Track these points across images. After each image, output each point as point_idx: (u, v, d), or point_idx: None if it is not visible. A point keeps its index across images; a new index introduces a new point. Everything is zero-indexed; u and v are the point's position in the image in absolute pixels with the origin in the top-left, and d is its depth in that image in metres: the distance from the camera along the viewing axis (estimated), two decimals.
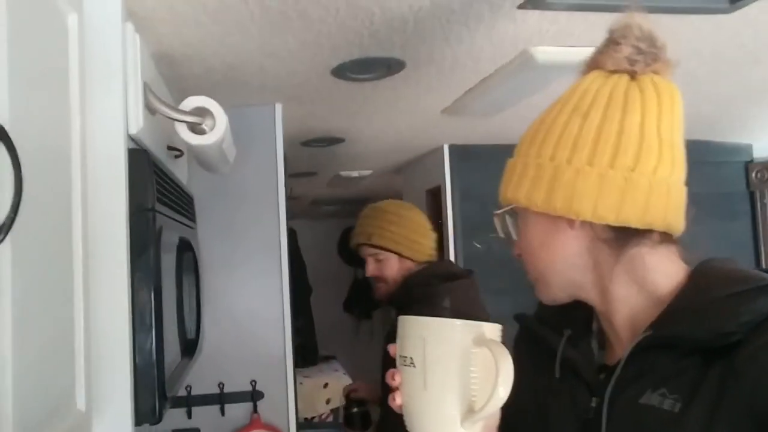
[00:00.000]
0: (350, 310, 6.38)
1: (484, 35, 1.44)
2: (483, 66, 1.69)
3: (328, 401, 3.92)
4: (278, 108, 1.95)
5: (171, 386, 1.11)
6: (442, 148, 2.91)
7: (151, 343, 1.00)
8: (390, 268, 1.70)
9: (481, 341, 0.67)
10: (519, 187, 0.77)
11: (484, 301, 1.83)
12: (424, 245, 1.75)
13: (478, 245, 2.88)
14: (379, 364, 1.67)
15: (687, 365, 0.67)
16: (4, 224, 0.57)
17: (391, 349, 0.74)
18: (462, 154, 2.91)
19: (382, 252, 1.72)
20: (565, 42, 1.51)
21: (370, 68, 1.63)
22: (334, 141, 2.62)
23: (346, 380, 4.12)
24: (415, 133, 2.61)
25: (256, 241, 1.92)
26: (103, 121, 0.99)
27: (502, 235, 0.88)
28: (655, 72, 0.75)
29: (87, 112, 0.96)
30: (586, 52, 1.58)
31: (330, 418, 3.91)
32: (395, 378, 0.72)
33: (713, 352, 0.65)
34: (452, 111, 2.20)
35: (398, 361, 0.71)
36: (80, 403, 0.86)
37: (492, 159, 2.92)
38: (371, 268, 1.71)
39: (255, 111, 1.91)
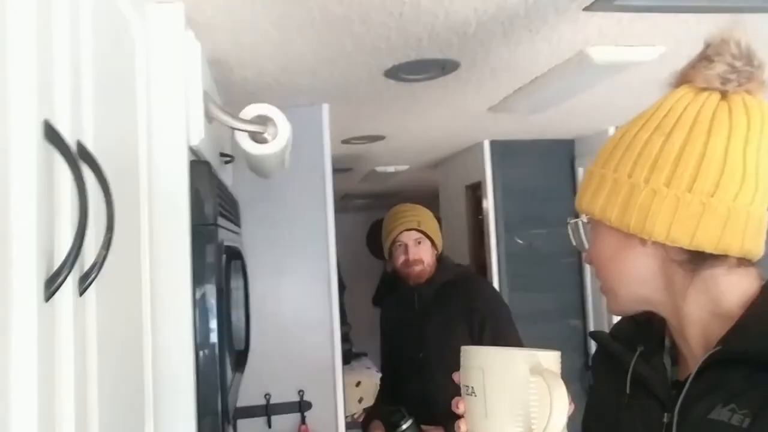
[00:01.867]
0: (380, 305, 6.35)
1: (544, 37, 1.41)
2: (538, 66, 1.65)
3: (360, 400, 3.89)
4: (325, 108, 1.90)
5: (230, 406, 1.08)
6: (482, 144, 2.85)
7: (215, 368, 0.97)
8: (426, 252, 1.94)
9: (536, 370, 0.68)
10: (594, 199, 0.77)
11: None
12: (441, 240, 2.06)
13: (519, 241, 2.84)
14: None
15: (757, 381, 0.66)
16: (96, 263, 0.53)
17: (455, 377, 0.77)
18: (503, 149, 2.85)
19: (424, 238, 1.94)
20: (625, 41, 1.48)
21: (424, 69, 1.58)
22: (374, 139, 2.57)
23: (379, 378, 4.08)
24: (457, 130, 2.56)
25: (302, 245, 1.88)
26: (166, 134, 0.96)
27: (574, 242, 0.86)
28: (748, 91, 0.71)
29: (152, 125, 0.93)
30: (642, 51, 1.57)
31: (363, 418, 3.88)
32: (459, 406, 0.74)
33: None
34: (499, 109, 2.16)
35: (462, 390, 0.74)
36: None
37: (533, 155, 2.91)
38: (414, 250, 1.93)
39: (301, 112, 1.86)
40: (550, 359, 0.71)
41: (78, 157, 0.52)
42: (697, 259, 0.71)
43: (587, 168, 0.82)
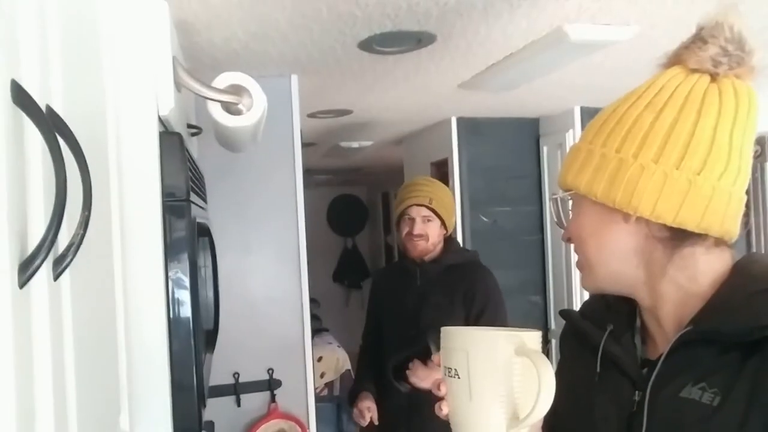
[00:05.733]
0: (340, 281, 6.34)
1: (524, 12, 1.39)
2: (514, 42, 1.63)
3: (322, 375, 3.87)
4: (294, 79, 1.83)
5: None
6: (449, 121, 2.83)
7: (190, 347, 0.92)
8: (433, 230, 1.94)
9: (522, 351, 0.68)
10: (580, 174, 0.76)
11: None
12: (454, 220, 2.06)
13: (485, 219, 2.85)
14: None
15: (727, 360, 0.67)
16: (72, 244, 0.47)
17: (436, 359, 0.76)
18: (470, 127, 2.84)
19: (434, 216, 1.93)
20: (603, 20, 1.48)
21: (400, 41, 1.54)
22: (341, 113, 2.51)
23: (341, 353, 4.08)
24: (425, 106, 2.52)
25: (271, 221, 1.82)
26: (135, 102, 0.88)
27: (555, 218, 0.85)
28: (737, 76, 0.73)
29: (119, 93, 0.86)
30: (617, 31, 1.56)
31: (325, 392, 3.88)
32: (441, 388, 0.73)
33: (752, 346, 0.65)
34: (469, 85, 2.13)
35: (443, 372, 0.73)
36: (124, 423, 0.78)
37: (499, 132, 2.90)
38: (420, 227, 1.93)
39: (269, 82, 1.75)
40: (534, 339, 0.70)
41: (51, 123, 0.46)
42: (678, 237, 0.72)
43: (573, 145, 0.81)
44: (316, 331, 4.51)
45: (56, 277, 0.47)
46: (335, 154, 3.77)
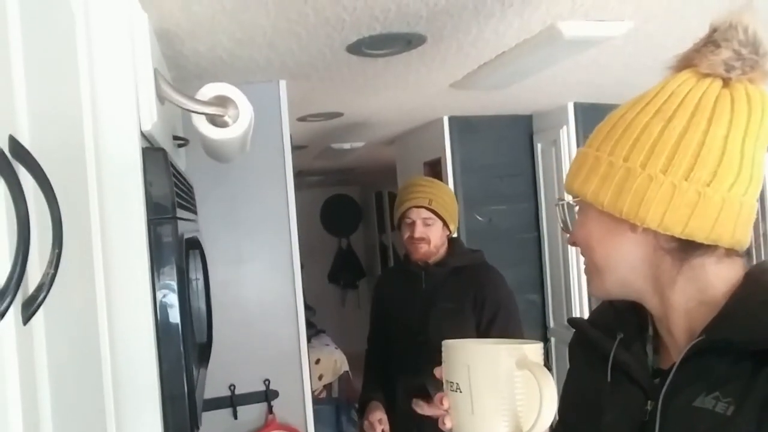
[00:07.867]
0: (336, 281, 6.31)
1: (516, 11, 1.35)
2: (506, 41, 1.60)
3: (320, 377, 3.85)
4: (282, 84, 1.79)
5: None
6: (441, 120, 2.80)
7: (181, 379, 0.89)
8: (435, 232, 1.86)
9: (523, 364, 0.68)
10: (587, 181, 0.75)
11: None
12: (457, 220, 1.98)
13: (479, 218, 2.82)
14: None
15: (741, 369, 0.66)
16: (42, 284, 0.44)
17: (437, 372, 0.76)
18: (462, 125, 2.81)
19: (434, 218, 1.86)
20: (597, 16, 1.44)
21: (389, 44, 1.50)
22: (332, 116, 2.47)
23: (338, 354, 4.05)
24: (416, 106, 2.49)
25: (262, 228, 1.78)
26: (115, 119, 0.85)
27: (561, 224, 0.84)
28: (751, 80, 0.70)
29: (98, 110, 0.82)
30: (611, 27, 1.54)
31: (323, 395, 3.85)
32: (443, 402, 0.73)
33: (765, 355, 0.64)
34: (461, 85, 2.10)
35: (445, 386, 0.73)
36: None
37: (492, 130, 2.87)
38: (421, 230, 1.86)
39: (257, 88, 1.74)
40: (535, 351, 0.70)
41: (12, 157, 0.43)
42: (687, 248, 0.70)
43: (579, 149, 0.80)
44: (314, 333, 4.49)
45: (26, 321, 0.44)
46: (327, 155, 3.74)
